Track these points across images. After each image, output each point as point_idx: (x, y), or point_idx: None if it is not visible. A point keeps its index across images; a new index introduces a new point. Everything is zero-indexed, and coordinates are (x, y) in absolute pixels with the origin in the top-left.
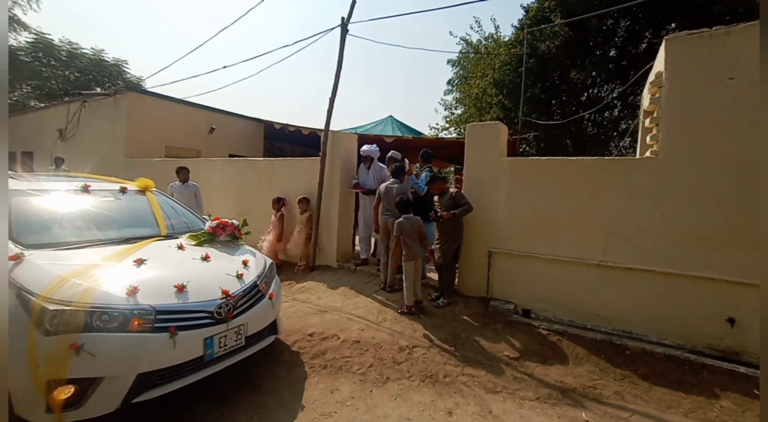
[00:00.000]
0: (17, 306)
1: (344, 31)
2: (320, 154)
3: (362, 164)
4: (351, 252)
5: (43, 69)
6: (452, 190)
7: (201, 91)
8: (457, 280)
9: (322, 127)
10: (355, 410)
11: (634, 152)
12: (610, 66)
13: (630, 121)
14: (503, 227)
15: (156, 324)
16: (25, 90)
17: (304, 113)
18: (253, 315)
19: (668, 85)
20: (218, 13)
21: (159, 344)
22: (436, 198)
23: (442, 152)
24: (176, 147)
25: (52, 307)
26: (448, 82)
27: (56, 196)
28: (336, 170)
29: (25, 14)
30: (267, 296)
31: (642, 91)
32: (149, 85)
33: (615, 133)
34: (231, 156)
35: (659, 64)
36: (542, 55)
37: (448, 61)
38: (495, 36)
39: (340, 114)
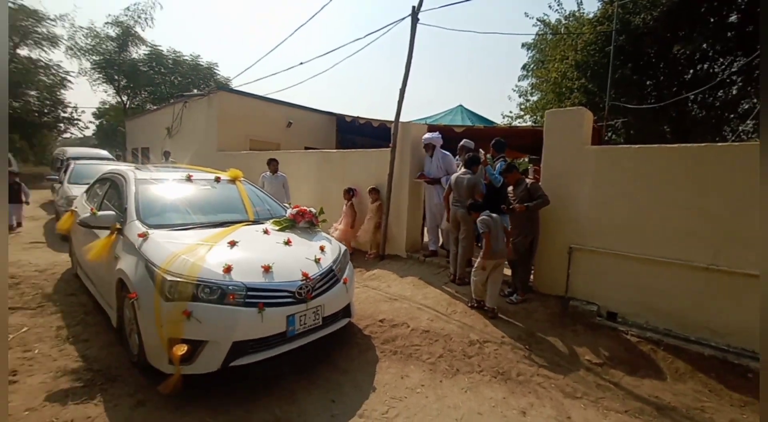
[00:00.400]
0: (146, 275)
1: (415, 21)
2: (390, 144)
3: (426, 153)
4: (420, 243)
5: (156, 76)
6: (528, 180)
7: (279, 88)
8: (532, 276)
9: (391, 119)
10: (425, 398)
11: (759, 137)
12: (729, 34)
13: (755, 100)
14: (586, 222)
15: (247, 300)
16: (143, 95)
17: (375, 106)
18: (329, 297)
19: None
20: (294, 14)
21: (249, 317)
22: (510, 188)
23: (514, 141)
24: (259, 140)
25: (169, 278)
26: (523, 67)
27: (168, 184)
28: (406, 160)
29: (143, 31)
30: (342, 281)
31: None
32: (235, 84)
33: (732, 116)
34: (306, 148)
35: None
36: (635, 30)
37: (523, 45)
38: (577, 14)
39: (410, 104)
